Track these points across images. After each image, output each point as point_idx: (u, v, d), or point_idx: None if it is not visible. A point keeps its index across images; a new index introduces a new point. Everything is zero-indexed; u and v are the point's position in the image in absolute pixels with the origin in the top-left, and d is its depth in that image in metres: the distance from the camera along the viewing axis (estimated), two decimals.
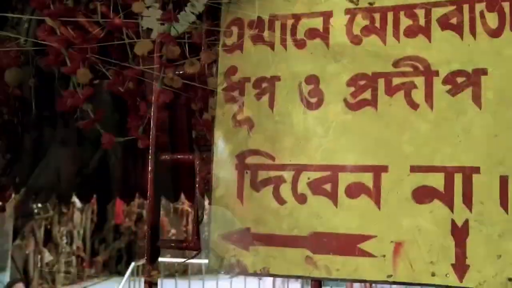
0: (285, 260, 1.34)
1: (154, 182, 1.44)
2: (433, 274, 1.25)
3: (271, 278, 9.16)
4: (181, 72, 1.46)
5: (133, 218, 11.06)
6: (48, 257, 9.71)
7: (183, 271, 10.05)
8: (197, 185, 1.44)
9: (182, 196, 2.69)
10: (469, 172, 1.24)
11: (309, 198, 1.34)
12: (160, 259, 2.00)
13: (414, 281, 1.26)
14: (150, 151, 1.46)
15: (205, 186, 1.45)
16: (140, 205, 11.06)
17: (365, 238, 1.30)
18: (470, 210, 1.24)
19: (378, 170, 1.30)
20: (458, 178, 1.25)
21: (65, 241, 9.96)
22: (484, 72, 1.25)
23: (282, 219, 1.36)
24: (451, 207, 1.26)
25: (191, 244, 1.45)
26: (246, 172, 1.38)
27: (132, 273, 8.60)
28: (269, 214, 1.37)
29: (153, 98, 1.47)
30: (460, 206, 1.25)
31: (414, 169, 1.28)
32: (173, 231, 10.97)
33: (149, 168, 1.45)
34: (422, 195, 1.28)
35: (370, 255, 1.29)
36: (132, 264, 8.62)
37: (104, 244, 11.06)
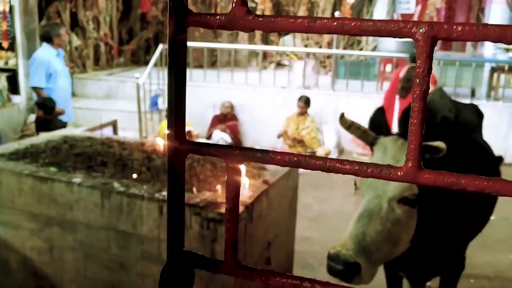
0: None
1: None
2: None
3: (301, 68, 8.93)
4: None
5: (160, 7, 10.61)
6: (76, 41, 9.60)
7: (212, 63, 9.89)
8: None
9: None
10: None
11: None
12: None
13: None
14: None
15: None
16: None
17: None
18: None
19: None
20: None
21: (91, 26, 9.73)
22: None
23: None
24: None
25: None
26: None
27: (160, 60, 8.42)
28: None
29: None
30: None
31: None
32: None
33: None
34: None
35: None
36: (160, 46, 8.35)
37: (131, 33, 10.83)
